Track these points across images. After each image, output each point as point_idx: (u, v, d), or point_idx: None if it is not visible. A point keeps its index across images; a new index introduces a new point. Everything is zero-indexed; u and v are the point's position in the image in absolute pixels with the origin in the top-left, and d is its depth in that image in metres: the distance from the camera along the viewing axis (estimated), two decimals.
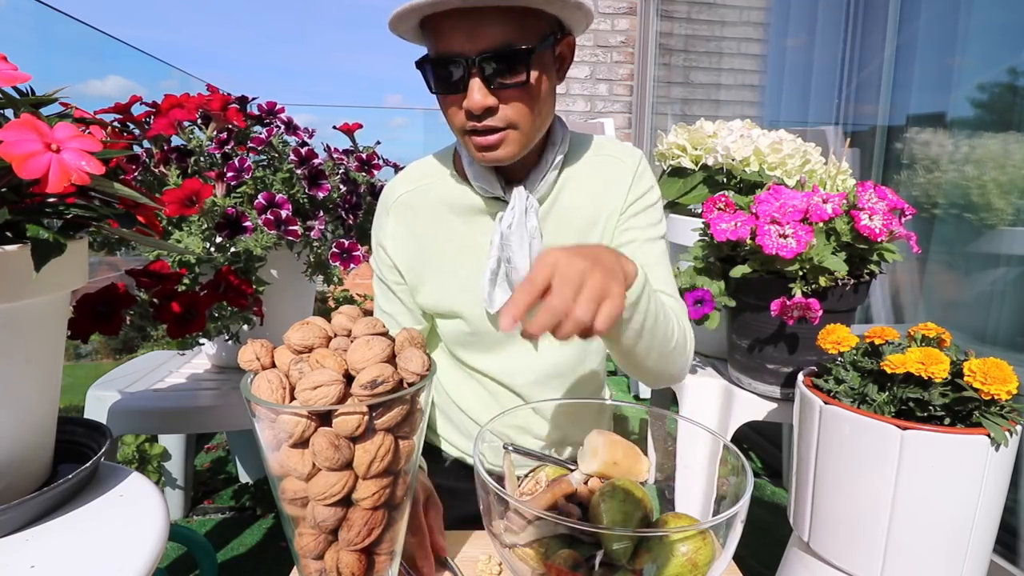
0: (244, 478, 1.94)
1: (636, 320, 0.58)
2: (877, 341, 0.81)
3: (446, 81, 0.69)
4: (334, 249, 1.03)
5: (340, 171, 1.10)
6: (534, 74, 0.69)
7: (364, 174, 1.15)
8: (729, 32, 2.96)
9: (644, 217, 0.82)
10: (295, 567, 0.45)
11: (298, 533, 0.42)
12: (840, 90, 2.11)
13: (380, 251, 0.85)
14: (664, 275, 0.80)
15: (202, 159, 0.96)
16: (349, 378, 0.40)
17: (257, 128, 1.07)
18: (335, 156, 1.13)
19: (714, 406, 1.12)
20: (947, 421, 0.71)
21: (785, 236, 0.89)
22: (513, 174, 0.78)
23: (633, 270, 0.56)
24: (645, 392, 2.66)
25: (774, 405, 1.04)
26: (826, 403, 0.77)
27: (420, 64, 0.71)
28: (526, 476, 0.51)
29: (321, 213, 1.03)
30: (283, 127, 1.06)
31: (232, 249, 0.92)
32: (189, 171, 0.94)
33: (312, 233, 0.99)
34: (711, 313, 1.00)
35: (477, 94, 0.67)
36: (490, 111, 0.68)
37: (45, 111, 0.49)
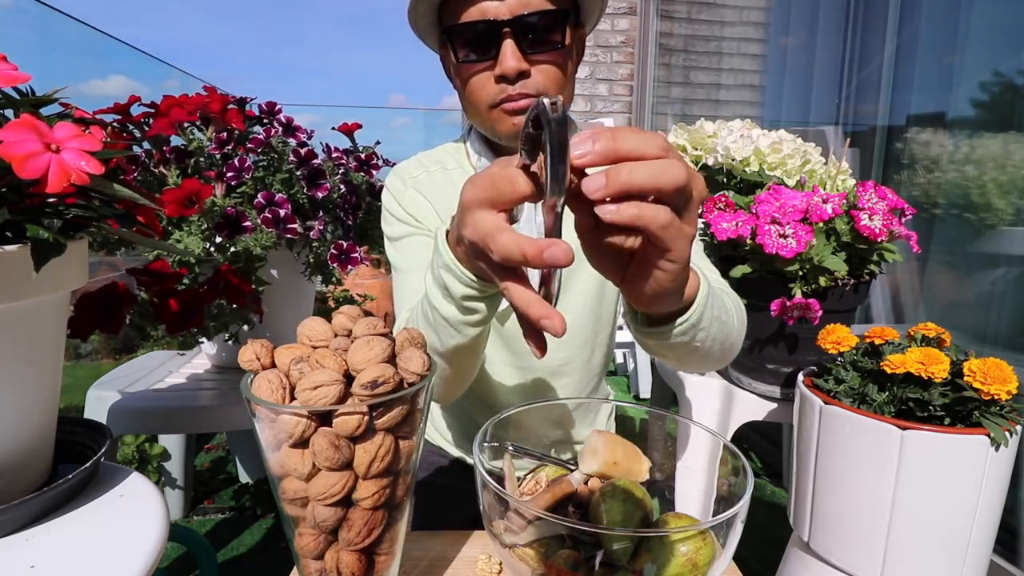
0: (244, 478, 1.94)
1: (702, 328, 0.50)
2: (877, 341, 0.81)
3: (475, 48, 0.67)
4: (332, 251, 1.03)
5: (340, 171, 1.10)
6: (568, 40, 0.67)
7: (363, 174, 1.15)
8: (729, 32, 2.96)
9: None
10: (295, 567, 0.45)
11: (298, 533, 0.42)
12: (840, 90, 2.11)
13: (395, 207, 0.79)
14: (702, 256, 0.75)
15: (202, 159, 0.96)
16: (349, 378, 0.40)
17: (256, 128, 1.07)
18: (334, 156, 1.13)
19: (714, 406, 1.12)
20: (947, 421, 0.71)
21: (785, 236, 0.89)
22: None
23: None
24: (645, 392, 2.66)
25: (774, 405, 1.04)
26: (826, 403, 0.77)
27: (447, 32, 0.69)
28: (526, 476, 0.51)
29: (321, 213, 1.03)
30: (281, 128, 1.05)
31: (232, 249, 0.92)
32: (189, 171, 0.94)
33: (312, 233, 0.99)
34: None
35: (511, 59, 0.65)
36: (522, 76, 0.66)
37: (45, 111, 0.49)
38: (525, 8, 0.64)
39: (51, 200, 0.47)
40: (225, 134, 0.96)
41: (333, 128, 1.24)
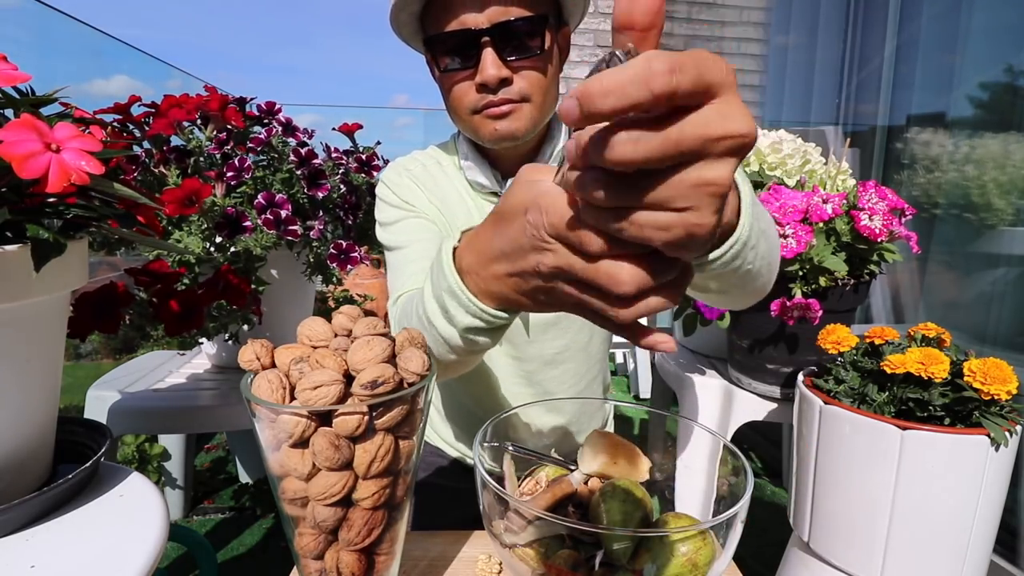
0: (244, 478, 1.94)
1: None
2: (877, 341, 0.81)
3: (456, 57, 0.67)
4: (332, 251, 1.02)
5: (340, 171, 1.10)
6: (548, 44, 0.67)
7: (363, 175, 1.15)
8: (729, 32, 2.96)
9: None
10: (295, 567, 0.45)
11: (298, 533, 0.42)
12: (840, 90, 2.11)
13: (390, 195, 0.78)
14: None
15: (202, 159, 0.96)
16: (349, 378, 0.40)
17: (256, 128, 1.07)
18: (334, 156, 1.13)
19: (714, 406, 1.12)
20: (947, 421, 0.71)
21: (785, 236, 0.88)
22: (509, 170, 0.77)
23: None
24: (645, 392, 2.66)
25: (774, 405, 1.04)
26: (826, 403, 0.77)
27: (428, 43, 0.70)
28: (526, 476, 0.51)
29: (321, 213, 1.03)
30: (280, 128, 1.05)
31: (232, 249, 0.92)
32: (189, 171, 0.94)
33: (312, 233, 0.99)
34: (726, 312, 1.00)
35: (491, 67, 0.65)
36: (504, 83, 0.67)
37: (46, 111, 0.49)
38: (503, 16, 0.64)
39: (51, 200, 0.47)
40: (225, 134, 0.96)
41: (334, 128, 1.24)
